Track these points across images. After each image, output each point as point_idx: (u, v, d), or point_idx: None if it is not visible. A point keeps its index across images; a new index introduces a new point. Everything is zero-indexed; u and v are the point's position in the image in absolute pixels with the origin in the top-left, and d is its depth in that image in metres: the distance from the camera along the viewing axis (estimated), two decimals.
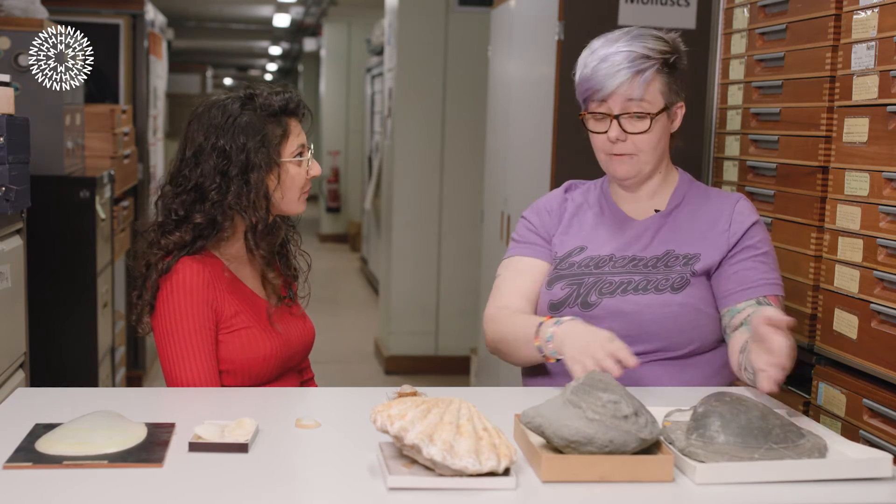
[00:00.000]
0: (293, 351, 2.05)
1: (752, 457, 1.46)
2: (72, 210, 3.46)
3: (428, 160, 5.69)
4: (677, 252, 2.03)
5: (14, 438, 1.51)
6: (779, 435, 1.49)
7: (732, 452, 1.46)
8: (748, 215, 2.05)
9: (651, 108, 1.99)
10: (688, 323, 1.97)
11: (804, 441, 1.50)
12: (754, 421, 1.50)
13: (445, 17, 5.58)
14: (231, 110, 1.97)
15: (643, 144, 2.01)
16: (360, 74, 10.69)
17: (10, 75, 2.51)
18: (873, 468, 1.46)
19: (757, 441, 1.48)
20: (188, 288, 1.91)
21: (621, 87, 1.97)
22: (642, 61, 1.98)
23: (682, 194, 2.10)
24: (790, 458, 1.47)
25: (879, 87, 1.98)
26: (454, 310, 5.71)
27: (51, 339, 3.41)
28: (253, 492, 1.36)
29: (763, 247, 2.03)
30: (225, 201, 1.94)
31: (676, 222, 2.06)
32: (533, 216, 2.17)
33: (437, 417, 1.37)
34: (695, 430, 1.51)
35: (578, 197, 2.17)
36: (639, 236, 2.06)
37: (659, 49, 2.00)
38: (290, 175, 1.99)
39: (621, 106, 1.99)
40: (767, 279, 1.99)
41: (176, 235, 1.95)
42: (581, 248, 2.08)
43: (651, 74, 1.98)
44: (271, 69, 21.24)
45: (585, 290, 2.01)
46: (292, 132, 2.00)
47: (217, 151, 1.94)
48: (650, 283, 1.99)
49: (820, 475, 1.45)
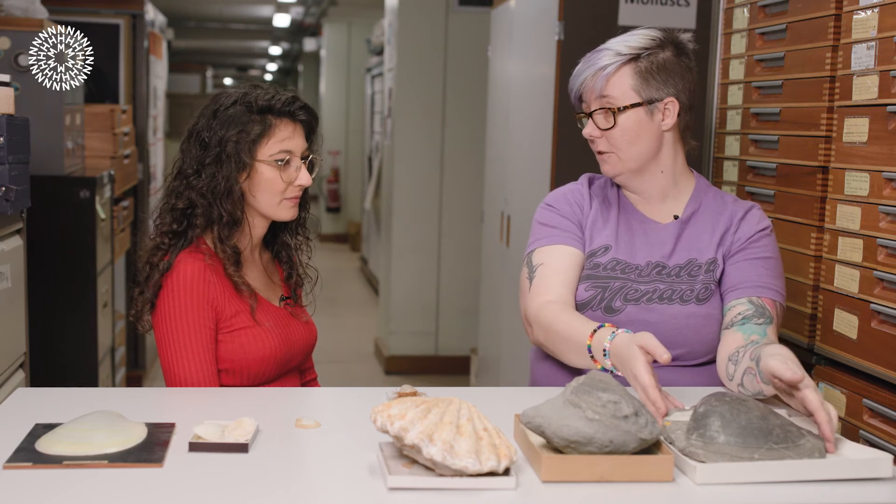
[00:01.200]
0: (293, 352, 2.05)
1: (753, 457, 1.45)
2: (72, 210, 3.46)
3: (428, 160, 5.69)
4: (700, 261, 2.01)
5: (14, 438, 1.51)
6: (779, 435, 1.49)
7: (733, 453, 1.46)
8: (757, 222, 2.04)
9: (615, 103, 1.98)
10: (709, 333, 1.97)
11: (804, 441, 1.50)
12: (754, 421, 1.50)
13: (445, 17, 5.58)
14: (224, 102, 1.97)
15: (615, 141, 1.99)
16: (360, 74, 10.69)
17: (10, 75, 2.51)
18: (874, 468, 1.46)
19: (757, 441, 1.47)
20: (189, 286, 1.91)
21: (585, 83, 2.00)
22: (610, 57, 1.98)
23: (698, 201, 2.07)
24: (790, 458, 1.47)
25: (879, 87, 1.98)
26: (454, 310, 5.71)
27: (51, 339, 3.41)
28: (253, 492, 1.36)
29: (767, 252, 2.01)
30: (197, 187, 1.95)
31: (695, 229, 2.05)
32: (561, 203, 2.10)
33: (437, 417, 1.37)
34: (695, 430, 1.51)
35: (599, 192, 2.12)
36: (661, 244, 2.04)
37: (637, 45, 1.98)
38: (263, 177, 1.96)
39: (592, 103, 2.01)
40: (765, 282, 1.97)
41: (167, 222, 1.97)
42: (606, 248, 2.04)
43: (613, 69, 1.97)
44: (271, 69, 21.23)
45: (610, 294, 1.99)
46: (276, 134, 1.96)
47: (199, 141, 1.97)
48: (675, 293, 1.98)
49: (820, 475, 1.45)
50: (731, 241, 2.03)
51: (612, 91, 1.98)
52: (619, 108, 1.98)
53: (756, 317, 1.92)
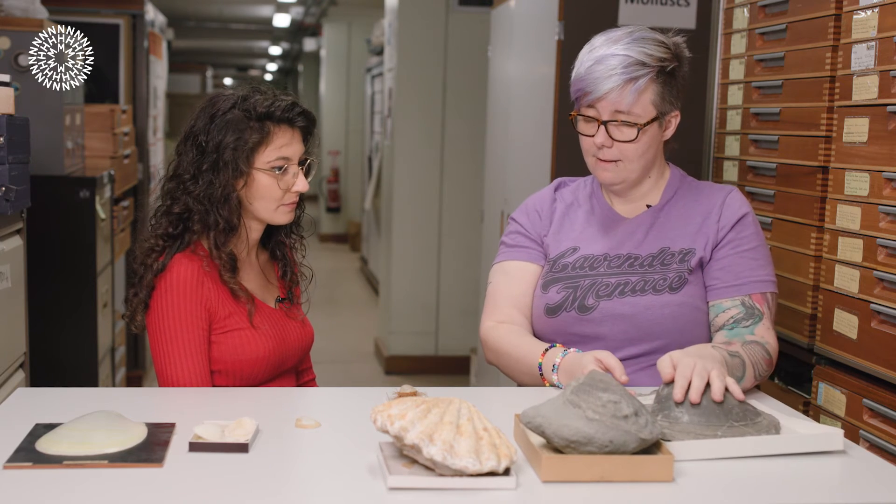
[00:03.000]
0: (288, 354, 2.03)
1: (716, 434, 1.55)
2: (72, 210, 3.46)
3: (428, 160, 5.69)
4: (672, 249, 1.99)
5: (14, 438, 1.51)
6: (738, 413, 1.59)
7: (698, 431, 1.55)
8: (738, 207, 2.00)
9: (640, 119, 1.94)
10: (688, 322, 1.96)
11: (761, 419, 1.61)
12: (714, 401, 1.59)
13: (445, 17, 5.58)
14: (222, 106, 1.95)
15: (629, 153, 1.97)
16: (360, 74, 10.70)
17: (10, 75, 2.51)
18: (827, 443, 1.57)
19: (719, 420, 1.57)
20: (182, 287, 1.91)
21: (611, 94, 1.92)
22: (637, 68, 1.91)
23: (673, 189, 2.06)
24: (751, 434, 1.56)
25: (879, 87, 1.98)
26: (454, 310, 5.71)
27: (51, 339, 3.41)
28: (253, 492, 1.36)
29: (753, 241, 1.99)
30: (193, 193, 1.93)
31: (669, 217, 2.03)
32: (522, 217, 2.14)
33: (437, 417, 1.37)
34: (660, 411, 1.60)
35: (568, 195, 2.13)
36: (632, 233, 2.03)
37: (657, 56, 1.93)
38: (260, 184, 1.95)
39: (610, 112, 1.94)
40: (755, 276, 1.96)
41: (163, 225, 1.95)
42: (573, 249, 2.05)
43: (644, 84, 1.92)
44: (271, 69, 21.24)
45: (582, 292, 1.99)
46: (274, 142, 1.94)
47: (196, 145, 1.95)
48: (647, 284, 1.97)
49: (779, 450, 1.54)
50: (716, 230, 1.99)
51: (638, 108, 1.94)
52: (643, 124, 1.94)
53: (745, 319, 1.92)
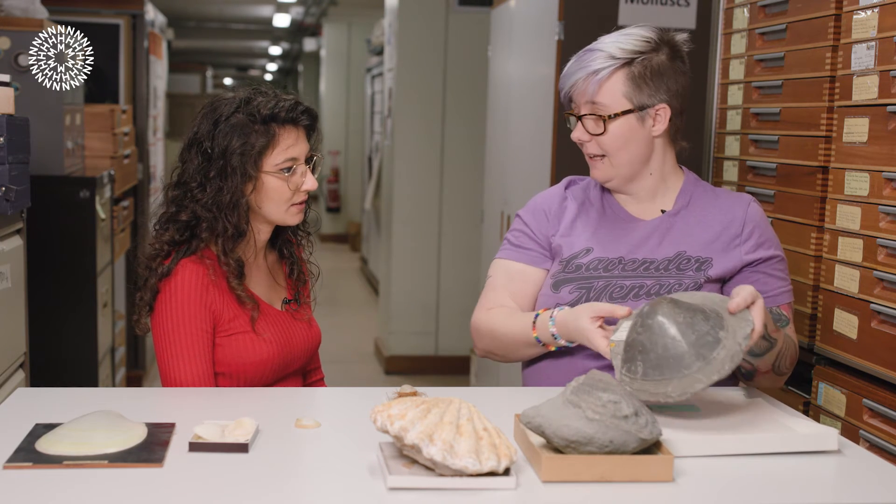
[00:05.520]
0: (293, 357, 2.03)
1: (666, 390, 1.56)
2: (72, 210, 3.46)
3: (428, 160, 5.69)
4: (689, 254, 1.99)
5: (14, 438, 1.51)
6: (692, 355, 1.57)
7: (650, 389, 1.57)
8: (760, 222, 2.01)
9: (606, 110, 1.94)
10: None
11: (717, 352, 1.57)
12: (670, 347, 1.58)
13: (445, 17, 5.58)
14: (224, 110, 1.93)
15: (607, 146, 1.97)
16: (360, 74, 10.69)
17: (10, 75, 2.51)
18: (822, 442, 1.57)
19: (671, 371, 1.57)
20: (187, 290, 1.90)
21: (576, 86, 1.95)
22: (602, 61, 1.93)
23: (688, 195, 2.05)
24: (701, 381, 1.55)
25: (879, 87, 1.98)
26: (454, 310, 5.71)
27: (51, 339, 3.41)
28: (253, 492, 1.36)
29: (779, 253, 2.02)
30: (202, 201, 1.91)
31: (686, 223, 2.02)
32: (529, 216, 2.12)
33: (437, 417, 1.37)
34: (625, 362, 1.64)
35: (580, 194, 2.11)
36: (647, 238, 2.02)
37: (631, 49, 1.94)
38: (269, 187, 1.94)
39: (584, 106, 1.97)
40: (783, 287, 2.00)
41: (169, 233, 1.94)
42: (588, 250, 2.02)
43: (607, 74, 1.93)
44: (271, 69, 21.23)
45: (595, 294, 1.97)
46: (280, 143, 1.93)
47: (201, 151, 1.93)
48: (662, 288, 1.96)
49: (773, 449, 1.55)
50: (741, 251, 1.98)
51: (603, 98, 1.94)
52: (609, 115, 1.95)
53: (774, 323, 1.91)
